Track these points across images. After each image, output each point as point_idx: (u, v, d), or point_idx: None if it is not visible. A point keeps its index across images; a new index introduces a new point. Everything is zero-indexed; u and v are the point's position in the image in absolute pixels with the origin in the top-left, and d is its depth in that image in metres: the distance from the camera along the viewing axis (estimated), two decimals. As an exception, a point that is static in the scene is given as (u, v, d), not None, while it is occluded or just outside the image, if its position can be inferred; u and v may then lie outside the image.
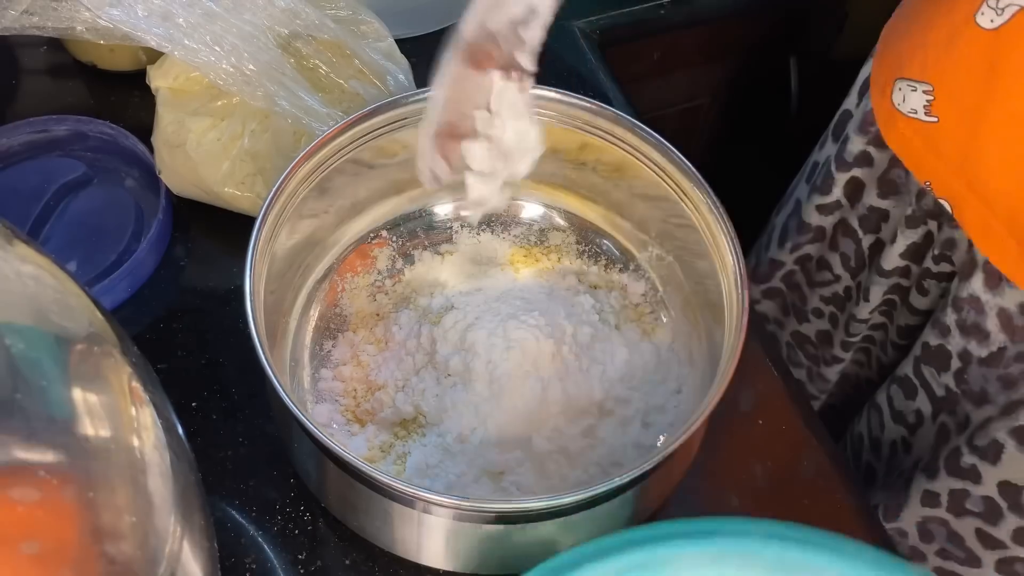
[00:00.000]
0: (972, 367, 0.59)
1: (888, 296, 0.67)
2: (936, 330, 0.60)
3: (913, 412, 0.65)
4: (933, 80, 0.52)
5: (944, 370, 0.61)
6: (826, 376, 0.77)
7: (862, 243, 0.68)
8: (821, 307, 0.74)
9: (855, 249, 0.68)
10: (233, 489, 0.50)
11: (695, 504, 0.52)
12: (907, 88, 0.53)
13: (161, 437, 0.32)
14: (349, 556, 0.49)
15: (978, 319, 0.57)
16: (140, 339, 0.55)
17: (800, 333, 0.77)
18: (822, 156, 0.71)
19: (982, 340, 0.57)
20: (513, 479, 0.48)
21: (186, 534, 0.31)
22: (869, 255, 0.68)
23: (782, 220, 0.75)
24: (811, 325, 0.76)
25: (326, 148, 0.49)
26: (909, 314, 0.66)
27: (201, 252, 0.59)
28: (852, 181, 0.66)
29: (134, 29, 0.53)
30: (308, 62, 0.57)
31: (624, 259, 0.57)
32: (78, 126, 0.61)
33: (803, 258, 0.73)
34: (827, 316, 0.74)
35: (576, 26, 0.73)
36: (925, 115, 0.52)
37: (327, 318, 0.54)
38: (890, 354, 0.71)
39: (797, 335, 0.77)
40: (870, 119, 0.62)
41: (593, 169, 0.54)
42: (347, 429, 0.51)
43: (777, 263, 0.75)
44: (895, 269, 0.65)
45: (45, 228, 0.58)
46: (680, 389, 0.52)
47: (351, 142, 0.50)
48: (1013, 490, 0.57)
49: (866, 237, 0.67)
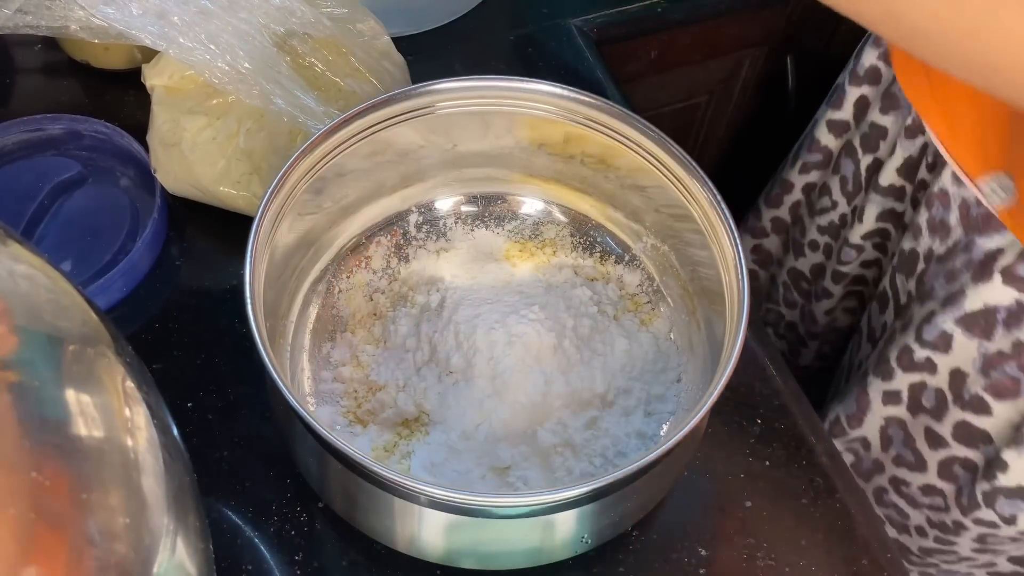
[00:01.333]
0: (931, 266, 0.61)
1: (881, 224, 0.69)
2: (910, 233, 0.62)
3: (881, 326, 0.68)
4: None
5: (911, 275, 0.63)
6: (816, 316, 0.79)
7: (860, 164, 0.70)
8: (817, 238, 0.76)
9: (854, 171, 0.70)
10: (229, 490, 0.50)
11: (696, 495, 0.52)
12: None
13: (155, 437, 0.32)
14: (347, 556, 0.49)
15: (944, 214, 0.59)
16: (135, 339, 0.55)
17: (796, 270, 0.80)
18: (843, 76, 0.73)
19: (944, 237, 0.59)
20: (519, 474, 0.48)
21: (180, 535, 0.31)
22: (867, 177, 0.70)
23: (799, 142, 0.78)
24: (806, 260, 0.78)
25: (322, 146, 0.49)
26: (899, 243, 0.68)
27: (197, 252, 0.59)
28: (861, 100, 0.69)
29: (128, 27, 0.53)
30: (304, 60, 0.57)
31: (619, 250, 0.57)
32: (73, 125, 0.61)
33: (808, 186, 0.76)
34: (822, 247, 0.76)
35: (573, 24, 0.73)
36: None
37: (325, 319, 0.54)
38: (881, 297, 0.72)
39: (793, 272, 0.80)
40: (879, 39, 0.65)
41: (581, 162, 0.54)
42: (349, 431, 0.50)
43: (788, 184, 0.78)
44: (891, 187, 0.66)
45: (40, 227, 0.58)
46: (680, 378, 0.52)
47: (347, 139, 0.50)
48: (960, 379, 0.58)
49: (865, 157, 0.69)
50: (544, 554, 0.47)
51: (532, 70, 0.69)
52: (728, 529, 0.51)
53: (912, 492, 0.64)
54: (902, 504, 0.66)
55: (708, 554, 0.50)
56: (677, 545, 0.50)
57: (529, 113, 0.52)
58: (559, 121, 0.52)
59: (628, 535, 0.50)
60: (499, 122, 0.53)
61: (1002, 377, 0.56)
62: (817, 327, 0.80)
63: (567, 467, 0.48)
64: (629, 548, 0.50)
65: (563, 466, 0.48)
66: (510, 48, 0.71)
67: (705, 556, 0.50)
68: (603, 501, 0.43)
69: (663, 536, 0.50)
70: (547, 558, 0.47)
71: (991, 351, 0.56)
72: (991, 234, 0.55)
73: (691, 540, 0.50)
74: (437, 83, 0.50)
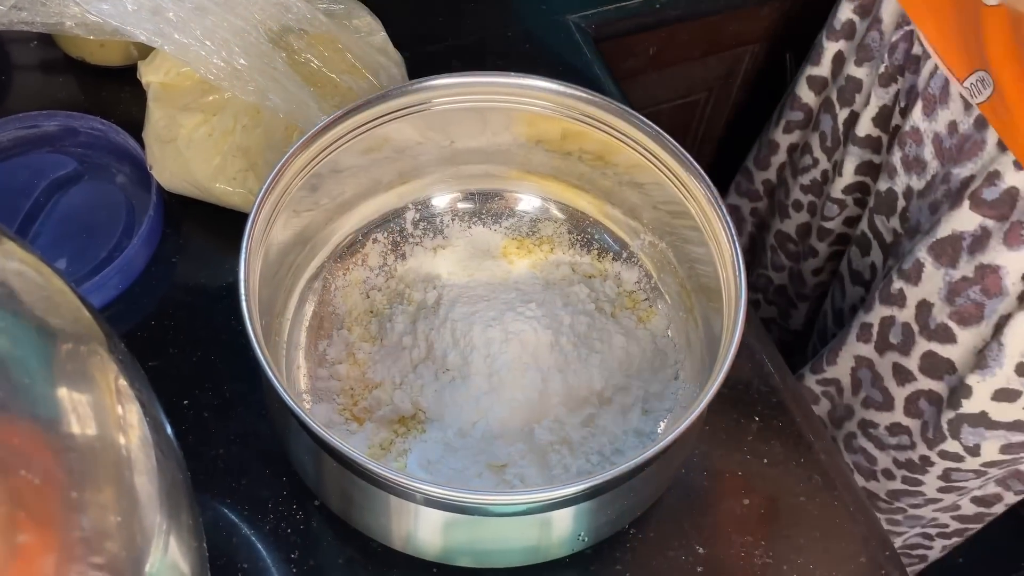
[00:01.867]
0: (912, 202, 0.62)
1: (859, 178, 0.70)
2: (885, 173, 0.64)
3: (868, 267, 0.69)
4: None
5: (892, 214, 0.64)
6: (804, 277, 0.80)
7: (838, 118, 0.71)
8: (800, 198, 0.78)
9: (832, 126, 0.72)
10: (225, 488, 0.50)
11: (694, 493, 0.51)
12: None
13: (148, 435, 0.32)
14: (343, 555, 0.49)
15: (918, 151, 0.60)
16: (131, 336, 0.55)
17: (782, 232, 0.82)
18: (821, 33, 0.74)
19: (921, 172, 0.61)
20: (516, 471, 0.48)
21: (173, 533, 0.31)
22: (844, 131, 0.71)
23: (782, 101, 0.79)
24: (791, 221, 0.80)
25: (318, 142, 0.48)
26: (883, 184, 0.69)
27: (193, 249, 0.59)
28: (837, 55, 0.71)
29: (123, 24, 0.52)
30: (300, 56, 0.57)
31: (617, 247, 0.56)
32: (68, 122, 0.61)
33: (791, 147, 0.78)
34: (806, 206, 0.78)
35: (571, 20, 0.73)
36: None
37: (321, 317, 0.54)
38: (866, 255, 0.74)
39: (780, 235, 0.82)
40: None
41: (579, 158, 0.54)
42: (346, 428, 0.50)
43: (773, 145, 0.79)
44: (867, 137, 0.68)
45: (35, 225, 0.57)
46: (677, 375, 0.52)
47: (342, 136, 0.49)
48: (926, 310, 0.59)
49: (842, 111, 0.71)
50: (541, 552, 0.46)
51: (530, 66, 0.69)
52: (726, 527, 0.51)
53: (879, 433, 0.66)
54: (870, 447, 0.67)
55: (706, 552, 0.50)
56: (675, 543, 0.50)
57: (526, 109, 0.52)
58: (557, 117, 0.52)
59: (626, 533, 0.50)
60: (497, 118, 0.53)
61: (966, 303, 0.57)
62: (806, 288, 0.81)
63: (564, 465, 0.48)
64: (627, 546, 0.50)
65: (560, 464, 0.48)
66: (508, 44, 0.71)
67: (703, 554, 0.50)
68: (600, 499, 0.43)
69: (661, 534, 0.50)
70: (544, 556, 0.47)
71: (955, 278, 0.57)
72: (964, 163, 0.56)
73: (689, 538, 0.50)
74: (433, 79, 0.50)
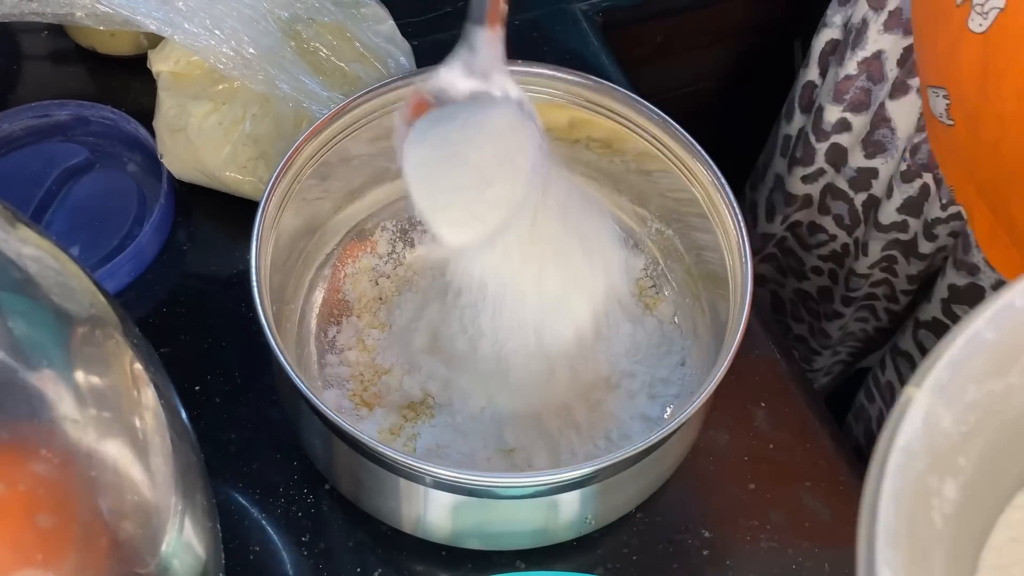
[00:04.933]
0: None
1: (887, 252, 0.68)
2: (963, 271, 0.60)
3: None
4: (947, 85, 0.53)
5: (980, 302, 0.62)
6: (828, 332, 0.77)
7: (854, 201, 0.69)
8: (820, 264, 0.75)
9: (848, 208, 0.69)
10: (236, 472, 0.51)
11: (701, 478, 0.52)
12: (932, 93, 0.54)
13: (163, 418, 0.33)
14: (353, 538, 0.49)
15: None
16: (143, 323, 0.55)
17: (801, 290, 0.78)
18: (793, 128, 0.72)
19: None
20: (524, 456, 0.49)
21: (188, 513, 0.32)
22: (864, 211, 0.69)
23: (764, 195, 0.76)
24: (811, 282, 0.77)
25: (327, 130, 0.49)
26: (917, 261, 0.67)
27: (204, 237, 0.59)
28: (833, 147, 0.67)
29: (133, 13, 0.53)
30: (309, 45, 0.57)
31: (624, 234, 0.57)
32: (80, 111, 0.61)
33: (793, 224, 0.75)
34: (826, 272, 0.75)
35: (578, 8, 0.73)
36: (946, 119, 0.53)
37: (330, 304, 0.54)
38: (901, 302, 0.71)
39: (799, 292, 0.79)
40: (843, 88, 0.64)
41: (586, 146, 0.54)
42: (355, 414, 0.51)
43: (768, 236, 0.76)
44: (892, 224, 0.65)
45: (48, 213, 0.58)
46: (684, 361, 0.52)
47: (351, 124, 0.50)
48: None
49: (858, 196, 0.68)
50: (548, 535, 0.47)
51: (537, 55, 0.69)
52: (732, 511, 0.51)
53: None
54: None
55: (712, 536, 0.50)
56: (681, 527, 0.50)
57: (533, 97, 0.52)
58: (564, 105, 0.52)
59: (633, 517, 0.50)
60: (505, 107, 0.53)
61: None
62: (830, 340, 0.78)
63: (572, 449, 0.48)
64: (634, 529, 0.50)
65: (568, 448, 0.48)
66: (515, 33, 0.70)
67: (709, 538, 0.50)
68: (607, 482, 0.44)
69: (667, 518, 0.51)
70: (551, 539, 0.47)
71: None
72: None
73: (695, 522, 0.51)
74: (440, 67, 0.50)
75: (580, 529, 0.47)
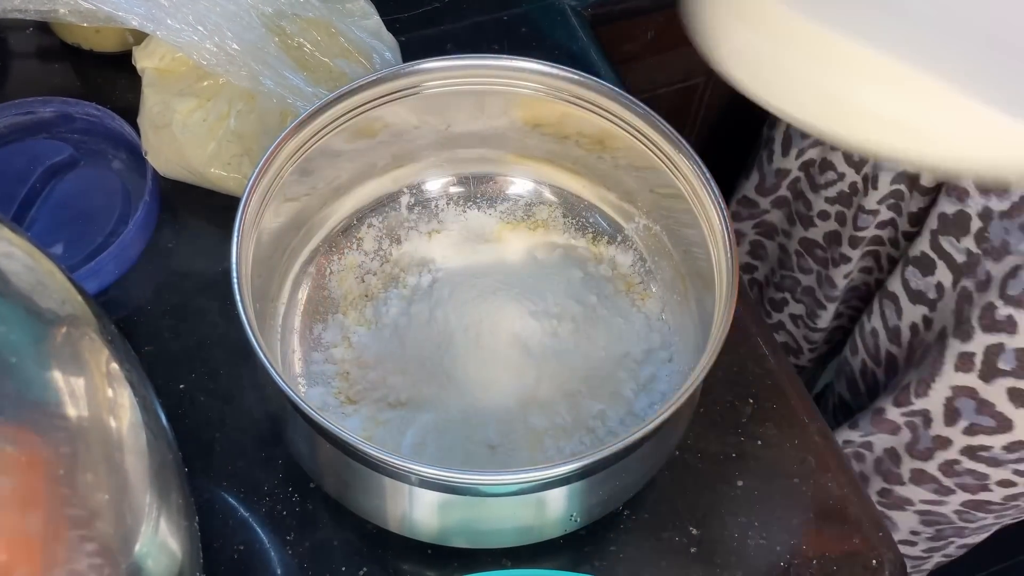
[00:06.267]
0: (993, 222, 0.60)
1: (896, 187, 0.68)
2: (953, 196, 0.61)
3: (933, 287, 0.67)
4: None
5: (964, 234, 0.62)
6: (834, 280, 0.78)
7: None
8: (827, 208, 0.76)
9: None
10: (221, 471, 0.50)
11: (688, 475, 0.52)
12: None
13: (138, 416, 0.32)
14: (338, 536, 0.49)
15: None
16: (127, 321, 0.55)
17: (808, 239, 0.79)
18: None
19: (1002, 194, 0.59)
20: (509, 453, 0.48)
21: (163, 512, 0.31)
22: None
23: (782, 130, 0.77)
24: (818, 229, 0.78)
25: (310, 126, 0.48)
26: (920, 196, 0.67)
27: (189, 234, 0.59)
28: None
29: (116, 10, 0.52)
30: (293, 41, 0.57)
31: (611, 231, 0.56)
32: (64, 108, 0.61)
33: (806, 163, 0.75)
34: (834, 216, 0.76)
35: (567, 4, 0.73)
36: None
37: (316, 301, 0.54)
38: (902, 246, 0.72)
39: (805, 241, 0.79)
40: None
41: (576, 143, 0.54)
42: (340, 411, 0.51)
43: (783, 172, 0.77)
44: None
45: (32, 211, 0.57)
46: (671, 358, 0.52)
47: (335, 120, 0.49)
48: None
49: None
50: (535, 532, 0.47)
51: (526, 50, 0.69)
52: (720, 508, 0.51)
53: (994, 453, 0.64)
54: (981, 468, 0.65)
55: (699, 533, 0.50)
56: (668, 524, 0.50)
57: (520, 93, 0.52)
58: (554, 101, 0.52)
59: (619, 514, 0.50)
60: (494, 102, 0.53)
61: None
62: (836, 291, 0.80)
63: (557, 446, 0.48)
64: (620, 527, 0.50)
65: (553, 445, 0.48)
66: (503, 28, 0.71)
67: (696, 535, 0.50)
68: (592, 479, 0.43)
69: (654, 515, 0.50)
70: (538, 536, 0.47)
71: None
72: None
73: (682, 519, 0.50)
74: (425, 62, 0.50)
75: (566, 526, 0.47)
